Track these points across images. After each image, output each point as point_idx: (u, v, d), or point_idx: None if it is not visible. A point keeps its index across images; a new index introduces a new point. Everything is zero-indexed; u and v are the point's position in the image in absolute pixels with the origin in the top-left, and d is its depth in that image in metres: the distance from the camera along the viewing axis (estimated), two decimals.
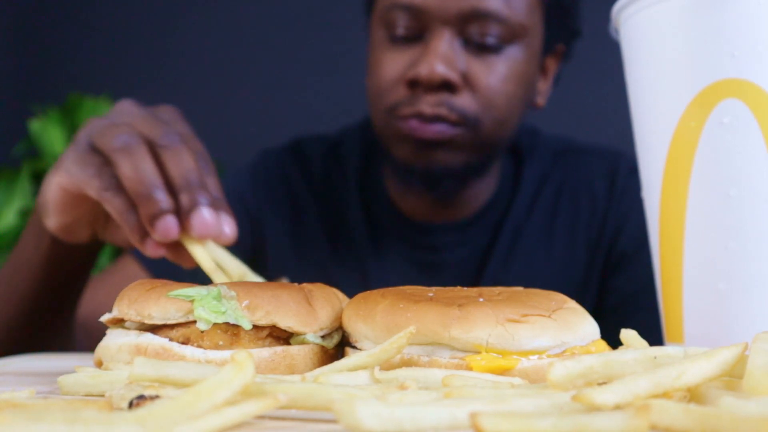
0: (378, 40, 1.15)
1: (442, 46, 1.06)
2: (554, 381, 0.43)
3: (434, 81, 1.05)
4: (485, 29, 1.07)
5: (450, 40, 1.07)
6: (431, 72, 1.05)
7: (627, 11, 0.72)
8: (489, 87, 1.09)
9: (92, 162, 0.78)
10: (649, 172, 0.73)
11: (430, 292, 0.62)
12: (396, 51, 1.11)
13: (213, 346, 0.59)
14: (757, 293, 0.64)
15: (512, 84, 1.11)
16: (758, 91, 0.63)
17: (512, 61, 1.11)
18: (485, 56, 1.09)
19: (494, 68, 1.09)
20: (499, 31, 1.08)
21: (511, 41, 1.10)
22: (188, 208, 0.72)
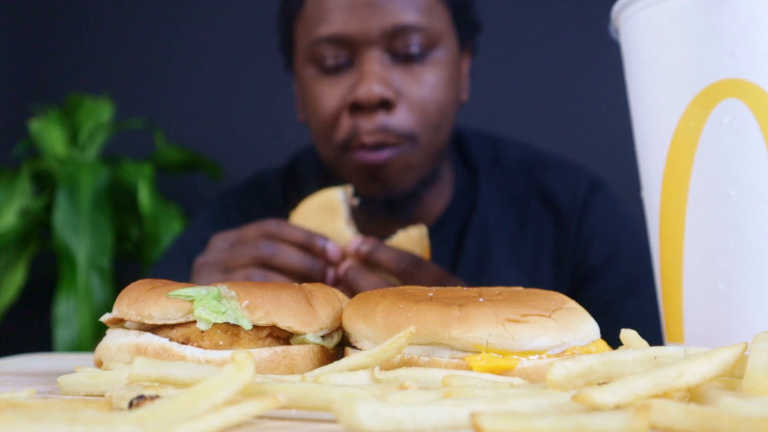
0: (309, 76, 1.20)
1: (374, 66, 1.12)
2: (554, 381, 0.43)
3: (373, 101, 1.11)
4: (408, 41, 1.13)
5: (380, 59, 1.13)
6: (369, 93, 1.10)
7: (627, 11, 0.72)
8: (421, 97, 1.15)
9: None
10: (649, 172, 0.73)
11: (430, 292, 0.62)
12: (330, 82, 1.17)
13: (213, 346, 0.59)
14: (757, 293, 0.64)
15: (441, 89, 1.18)
16: (758, 91, 0.63)
17: (437, 67, 1.17)
18: (412, 67, 1.15)
19: (423, 78, 1.16)
20: (420, 41, 1.14)
21: (432, 48, 1.16)
22: (320, 278, 0.98)
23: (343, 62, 1.15)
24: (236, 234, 1.02)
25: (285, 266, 0.96)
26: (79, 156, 2.31)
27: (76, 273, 2.06)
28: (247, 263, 0.97)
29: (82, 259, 2.08)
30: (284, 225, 0.99)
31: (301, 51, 1.21)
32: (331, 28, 1.13)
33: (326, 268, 0.98)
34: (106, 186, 2.18)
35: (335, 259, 0.99)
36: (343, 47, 1.14)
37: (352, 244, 0.99)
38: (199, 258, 1.02)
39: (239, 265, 0.97)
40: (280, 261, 0.96)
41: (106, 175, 2.20)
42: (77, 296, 2.04)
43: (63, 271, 2.06)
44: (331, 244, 0.99)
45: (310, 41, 1.17)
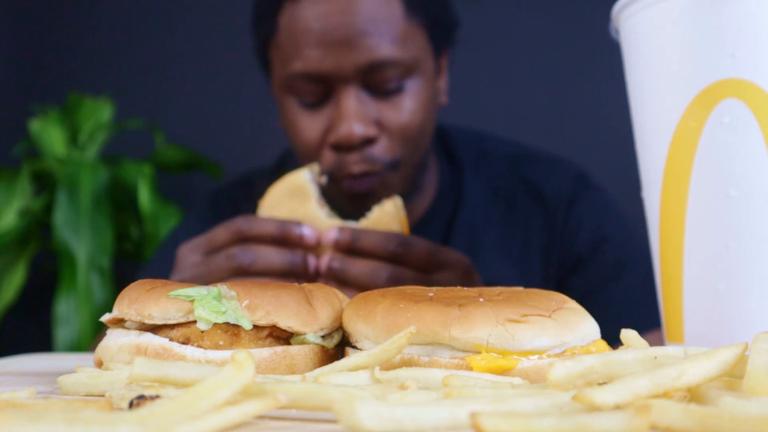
0: (287, 105, 1.20)
1: (351, 105, 1.12)
2: (554, 381, 0.43)
3: (354, 142, 1.12)
4: (384, 76, 1.13)
5: (357, 96, 1.13)
6: (350, 134, 1.11)
7: (627, 11, 0.72)
8: (401, 126, 1.16)
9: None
10: (649, 172, 0.73)
11: (430, 292, 0.62)
12: (310, 115, 1.17)
13: (213, 346, 0.59)
14: (757, 293, 0.64)
15: (420, 113, 1.18)
16: (758, 91, 0.63)
17: (415, 94, 1.17)
18: (390, 98, 1.15)
19: (401, 106, 1.16)
20: (397, 73, 1.14)
21: (408, 76, 1.16)
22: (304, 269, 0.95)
23: (321, 97, 1.15)
24: (205, 241, 0.97)
25: (266, 270, 0.93)
26: (79, 156, 2.31)
27: (76, 273, 2.06)
28: (226, 276, 0.93)
29: (82, 259, 2.08)
30: (254, 220, 0.95)
31: (278, 78, 1.21)
32: (306, 65, 1.12)
33: (307, 258, 0.95)
34: (106, 186, 2.18)
35: (312, 243, 0.95)
36: (319, 83, 1.13)
37: (330, 235, 0.95)
38: (173, 276, 0.98)
39: (217, 280, 0.92)
40: (259, 266, 0.93)
41: (106, 175, 2.20)
42: (77, 296, 2.04)
43: (63, 271, 2.06)
44: (306, 228, 0.95)
45: (285, 74, 1.16)
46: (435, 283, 0.94)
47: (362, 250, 0.94)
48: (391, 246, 0.94)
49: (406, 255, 0.94)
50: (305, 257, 0.95)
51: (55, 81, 2.71)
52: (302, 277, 0.96)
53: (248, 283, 0.62)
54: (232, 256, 0.92)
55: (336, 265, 0.94)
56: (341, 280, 0.95)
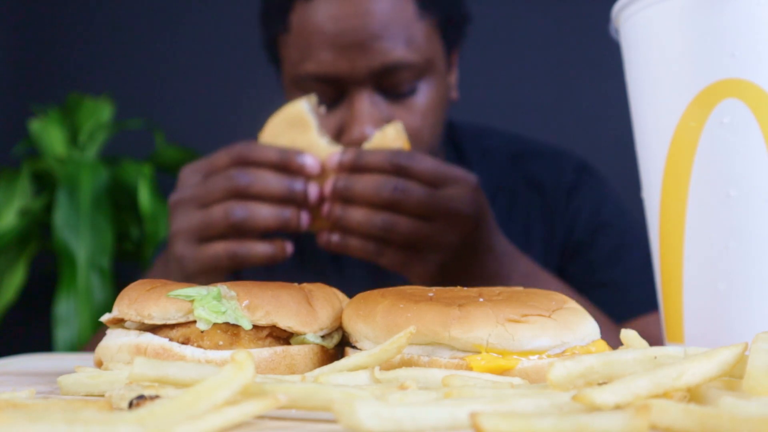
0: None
1: (365, 107, 1.11)
2: (554, 381, 0.43)
3: None
4: (397, 79, 1.13)
5: (370, 98, 1.12)
6: (363, 137, 1.10)
7: (627, 11, 0.72)
8: (414, 126, 1.15)
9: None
10: (649, 172, 0.73)
11: (430, 292, 0.62)
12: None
13: (213, 346, 0.59)
14: (757, 293, 0.64)
15: (432, 113, 1.18)
16: (758, 91, 0.63)
17: (428, 94, 1.17)
18: (404, 100, 1.15)
19: (414, 108, 1.16)
20: (410, 76, 1.14)
21: (421, 78, 1.16)
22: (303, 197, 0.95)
23: (333, 97, 1.14)
24: (206, 163, 0.98)
25: (263, 193, 0.93)
26: (79, 156, 2.31)
27: (76, 273, 2.06)
28: (223, 197, 0.94)
29: (82, 259, 2.08)
30: (255, 146, 0.95)
31: (288, 75, 1.20)
32: (318, 68, 1.12)
33: (308, 186, 0.95)
34: (106, 186, 2.18)
35: (315, 172, 0.95)
36: (332, 85, 1.13)
37: (333, 158, 0.95)
38: (173, 196, 0.99)
39: (215, 200, 0.94)
40: (257, 188, 0.93)
41: (106, 175, 2.20)
42: (77, 296, 2.04)
43: (63, 271, 2.06)
44: (308, 157, 0.95)
45: (296, 74, 1.16)
46: (443, 199, 0.93)
47: (367, 167, 0.94)
48: (395, 159, 0.93)
49: (412, 168, 0.93)
50: (306, 186, 0.95)
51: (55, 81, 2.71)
52: (302, 207, 0.95)
53: (248, 283, 0.62)
54: (230, 177, 0.93)
55: (340, 184, 0.94)
56: (346, 199, 0.94)
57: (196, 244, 0.96)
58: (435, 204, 0.93)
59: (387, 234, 0.94)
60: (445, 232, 0.95)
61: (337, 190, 0.94)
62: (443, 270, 0.97)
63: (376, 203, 0.93)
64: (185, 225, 0.96)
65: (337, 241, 0.97)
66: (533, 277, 1.04)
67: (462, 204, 0.95)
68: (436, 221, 0.94)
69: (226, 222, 0.93)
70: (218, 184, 0.94)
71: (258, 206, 0.93)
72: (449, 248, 0.96)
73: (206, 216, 0.94)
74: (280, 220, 0.94)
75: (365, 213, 0.94)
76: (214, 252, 0.95)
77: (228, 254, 0.95)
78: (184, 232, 0.97)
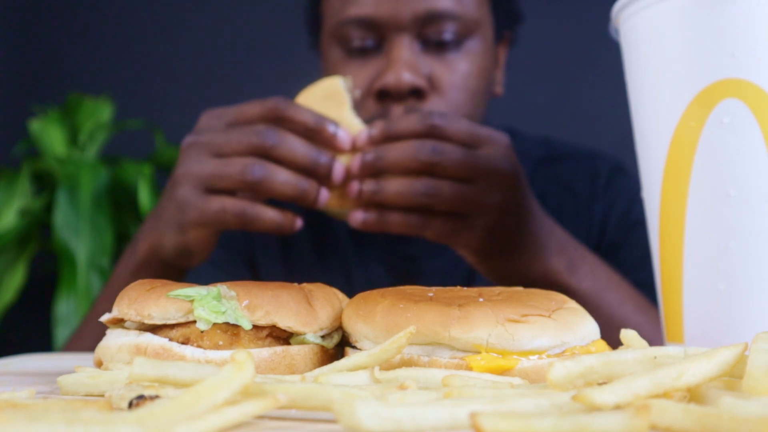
0: (334, 57, 1.15)
1: (404, 53, 1.07)
2: (554, 381, 0.43)
3: (402, 90, 1.06)
4: (441, 29, 1.08)
5: (410, 46, 1.08)
6: (398, 81, 1.05)
7: (627, 11, 0.72)
8: (454, 86, 1.10)
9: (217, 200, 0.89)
10: (649, 172, 0.73)
11: (430, 292, 0.62)
12: (356, 64, 1.12)
13: (213, 346, 0.59)
14: (757, 293, 0.64)
15: (474, 79, 1.13)
16: (758, 91, 0.63)
17: (471, 56, 1.12)
18: (445, 55, 1.10)
19: (455, 67, 1.11)
20: (455, 28, 1.09)
21: (466, 36, 1.11)
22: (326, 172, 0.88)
23: (371, 45, 1.10)
24: (234, 111, 0.91)
25: (287, 158, 0.87)
26: (79, 156, 2.31)
27: (76, 273, 2.06)
28: (244, 151, 0.87)
29: (82, 259, 2.08)
30: (292, 105, 0.89)
31: (328, 29, 1.16)
32: (360, 10, 1.08)
33: (333, 162, 0.89)
34: (106, 186, 2.18)
35: (345, 147, 0.89)
36: (372, 30, 1.09)
37: (363, 135, 0.89)
38: (188, 137, 0.92)
39: (234, 152, 0.87)
40: (282, 152, 0.87)
41: (106, 175, 2.20)
42: (77, 296, 2.04)
43: (63, 271, 2.06)
44: (342, 131, 0.89)
45: (337, 21, 1.12)
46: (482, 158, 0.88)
47: (399, 134, 0.88)
48: (428, 120, 0.87)
49: (446, 129, 0.87)
50: (332, 161, 0.89)
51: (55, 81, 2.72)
52: (324, 182, 0.90)
53: (248, 283, 0.62)
54: (258, 132, 0.87)
55: (369, 158, 0.87)
56: (379, 170, 0.88)
57: (202, 192, 0.89)
58: (475, 164, 0.87)
59: (431, 201, 0.87)
60: (488, 193, 0.88)
61: (368, 163, 0.87)
62: (489, 235, 0.91)
63: (414, 169, 0.86)
64: (196, 169, 0.89)
65: (374, 219, 0.90)
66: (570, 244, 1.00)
67: (500, 162, 0.89)
68: (478, 182, 0.88)
69: (242, 178, 0.86)
70: (243, 137, 0.87)
71: (279, 170, 0.87)
72: (494, 210, 0.89)
73: (222, 165, 0.87)
74: (298, 190, 0.87)
75: (404, 182, 0.87)
76: (221, 205, 0.88)
77: (236, 211, 0.88)
78: (193, 177, 0.89)
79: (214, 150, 0.88)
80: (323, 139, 0.89)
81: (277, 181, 0.87)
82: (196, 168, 0.89)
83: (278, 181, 0.87)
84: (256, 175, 0.86)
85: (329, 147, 0.89)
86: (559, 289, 0.93)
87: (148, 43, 2.66)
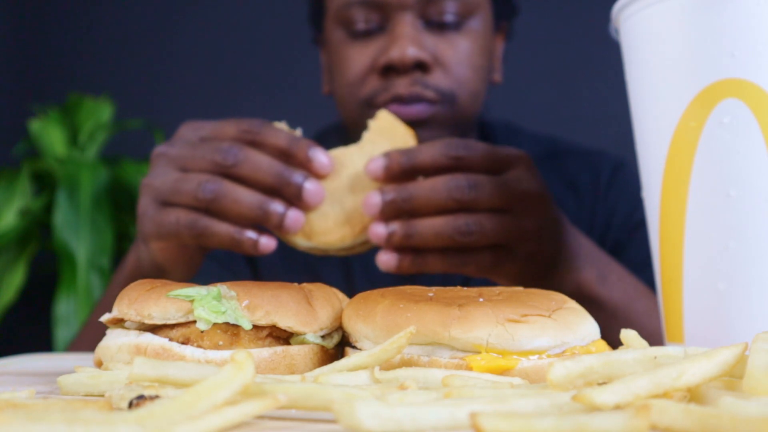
0: (337, 40, 1.15)
1: (407, 29, 1.07)
2: (554, 381, 0.43)
3: (407, 63, 1.06)
4: (443, 8, 1.09)
5: (413, 23, 1.08)
6: (403, 54, 1.05)
7: (627, 11, 0.72)
8: (458, 63, 1.11)
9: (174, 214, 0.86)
10: (649, 172, 0.73)
11: (430, 292, 0.62)
12: (359, 46, 1.12)
13: (213, 346, 0.59)
14: (757, 293, 0.64)
15: (477, 57, 1.14)
16: (758, 91, 0.63)
17: (472, 35, 1.13)
18: (447, 34, 1.11)
19: (458, 45, 1.12)
20: (456, 8, 1.10)
21: (467, 17, 1.12)
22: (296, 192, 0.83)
23: (374, 26, 1.10)
24: (212, 126, 0.88)
25: (250, 176, 0.82)
26: (79, 156, 2.32)
27: (76, 273, 2.06)
28: (205, 168, 0.83)
29: (82, 259, 2.08)
30: (266, 126, 0.85)
31: (332, 13, 1.16)
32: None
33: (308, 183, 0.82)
34: (106, 186, 2.18)
35: (324, 172, 0.83)
36: (375, 11, 1.09)
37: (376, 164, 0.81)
38: (160, 146, 0.90)
39: (196, 168, 0.84)
40: (244, 170, 0.82)
41: (106, 175, 2.21)
42: (77, 296, 2.04)
43: (63, 271, 2.06)
44: (321, 153, 0.83)
45: (341, 4, 1.12)
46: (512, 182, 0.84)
47: (421, 167, 0.82)
48: (452, 152, 0.82)
49: (472, 159, 0.83)
50: (304, 179, 0.82)
51: (55, 81, 2.72)
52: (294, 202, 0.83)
53: (248, 283, 0.62)
54: (221, 150, 0.83)
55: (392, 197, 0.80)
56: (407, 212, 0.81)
57: (160, 204, 0.86)
58: (507, 191, 0.83)
59: (473, 238, 0.82)
60: (525, 219, 0.84)
61: (395, 205, 0.81)
62: (530, 261, 0.87)
63: (449, 207, 0.81)
64: (158, 182, 0.87)
65: (410, 262, 0.84)
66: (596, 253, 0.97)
67: (530, 183, 0.85)
68: (514, 209, 0.84)
69: (194, 194, 0.82)
70: (207, 153, 0.83)
71: (235, 188, 0.82)
72: (534, 234, 0.85)
73: (178, 181, 0.84)
74: (258, 210, 0.82)
75: (440, 221, 0.81)
76: (175, 217, 0.84)
77: (188, 223, 0.84)
78: (153, 189, 0.87)
79: (179, 163, 0.86)
80: (298, 162, 0.84)
81: (232, 198, 0.82)
82: (159, 180, 0.87)
83: (233, 198, 0.82)
84: (207, 191, 0.82)
85: (307, 171, 0.84)
86: (592, 301, 0.91)
87: (148, 43, 2.66)
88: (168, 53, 2.64)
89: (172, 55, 2.64)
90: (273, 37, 2.57)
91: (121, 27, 2.69)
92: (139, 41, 2.67)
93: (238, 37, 2.62)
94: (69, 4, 2.73)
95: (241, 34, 2.62)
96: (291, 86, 2.53)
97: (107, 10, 2.70)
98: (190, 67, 2.63)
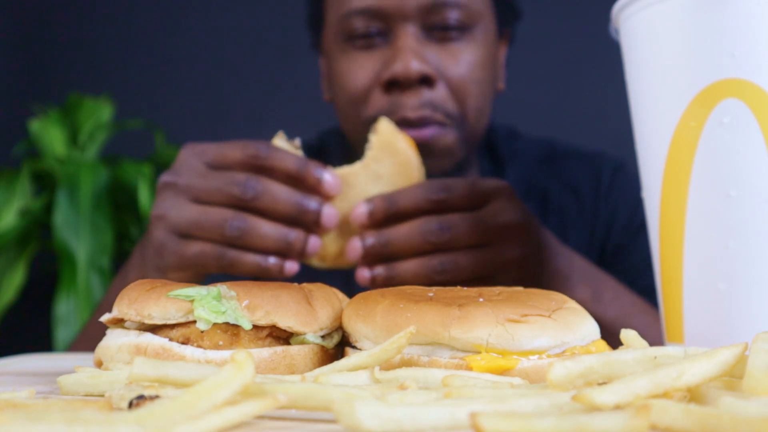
0: (338, 51, 1.14)
1: (410, 41, 1.06)
2: (554, 381, 0.43)
3: (412, 77, 1.04)
4: (446, 18, 1.07)
5: (416, 35, 1.07)
6: (407, 69, 1.03)
7: (627, 11, 0.72)
8: (461, 76, 1.09)
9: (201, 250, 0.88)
10: (649, 172, 0.73)
11: (430, 292, 0.62)
12: (361, 57, 1.10)
13: (213, 346, 0.59)
14: (757, 293, 0.64)
15: (480, 69, 1.12)
16: (758, 91, 0.63)
17: (475, 46, 1.12)
18: (449, 45, 1.09)
19: (461, 57, 1.10)
20: (459, 18, 1.08)
21: (470, 26, 1.11)
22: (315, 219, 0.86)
23: (375, 36, 1.09)
24: (216, 151, 0.87)
25: (270, 208, 0.84)
26: (79, 156, 2.32)
27: (76, 273, 2.06)
28: (223, 201, 0.85)
29: (82, 259, 2.08)
30: (274, 149, 0.86)
31: (331, 24, 1.15)
32: (365, 1, 1.07)
33: (322, 207, 0.86)
34: (106, 186, 2.18)
35: (334, 192, 0.87)
36: (377, 21, 1.07)
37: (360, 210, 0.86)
38: (166, 175, 0.89)
39: (214, 201, 0.85)
40: (264, 203, 0.84)
41: (106, 175, 2.21)
42: (77, 296, 2.04)
43: (63, 271, 2.06)
44: (328, 174, 0.86)
45: (342, 14, 1.11)
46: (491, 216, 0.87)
47: (401, 212, 0.85)
48: (430, 195, 0.85)
49: (451, 199, 0.86)
50: (321, 206, 0.86)
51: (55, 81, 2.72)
52: (313, 229, 0.87)
53: (248, 282, 0.62)
54: (238, 183, 0.84)
55: (372, 242, 0.85)
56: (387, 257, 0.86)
57: (178, 237, 0.87)
58: (485, 226, 0.86)
59: (450, 276, 0.85)
60: (506, 250, 0.87)
61: (374, 249, 0.86)
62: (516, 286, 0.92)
63: (425, 249, 0.85)
64: (174, 214, 0.87)
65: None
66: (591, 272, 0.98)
67: (510, 214, 0.88)
68: (493, 242, 0.87)
69: (221, 231, 0.84)
70: (224, 185, 0.85)
71: (259, 223, 0.85)
72: (515, 264, 0.88)
73: (200, 215, 0.85)
74: (282, 242, 0.85)
75: (417, 263, 0.85)
76: (200, 250, 0.86)
77: (215, 256, 0.86)
78: (170, 222, 0.87)
79: (193, 195, 0.86)
80: (308, 185, 0.86)
81: (257, 234, 0.84)
82: (174, 213, 0.87)
83: (258, 234, 0.84)
84: (234, 228, 0.84)
85: (316, 193, 0.87)
86: None
87: (148, 43, 2.66)
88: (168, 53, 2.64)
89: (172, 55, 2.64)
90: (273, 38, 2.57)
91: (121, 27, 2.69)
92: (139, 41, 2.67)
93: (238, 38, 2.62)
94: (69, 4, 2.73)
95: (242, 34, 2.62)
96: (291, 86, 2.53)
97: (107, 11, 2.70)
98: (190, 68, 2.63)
